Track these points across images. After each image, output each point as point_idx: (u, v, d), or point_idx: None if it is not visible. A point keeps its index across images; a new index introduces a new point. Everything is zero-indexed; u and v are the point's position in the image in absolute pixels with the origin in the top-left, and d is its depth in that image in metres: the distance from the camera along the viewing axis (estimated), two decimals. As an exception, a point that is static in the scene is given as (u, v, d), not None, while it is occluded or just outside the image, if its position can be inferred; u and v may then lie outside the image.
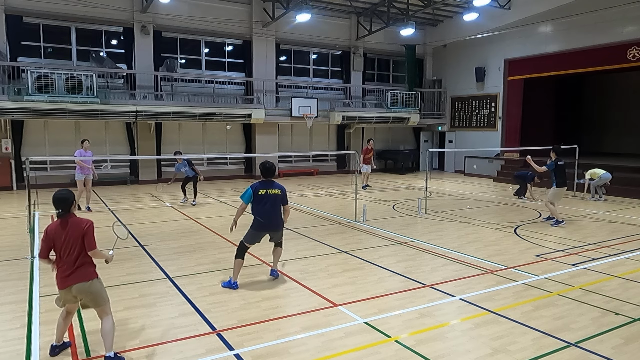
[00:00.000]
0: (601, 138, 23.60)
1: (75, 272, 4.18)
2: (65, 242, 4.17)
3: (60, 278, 4.22)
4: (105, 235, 9.61)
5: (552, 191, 10.42)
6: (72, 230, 4.20)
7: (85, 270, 4.24)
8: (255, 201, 6.29)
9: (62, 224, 4.23)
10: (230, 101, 19.41)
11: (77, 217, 4.34)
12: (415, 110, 22.52)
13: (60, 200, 4.25)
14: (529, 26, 19.39)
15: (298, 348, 4.54)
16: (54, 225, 4.26)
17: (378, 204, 13.37)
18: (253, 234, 6.40)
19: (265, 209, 6.28)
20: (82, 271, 4.22)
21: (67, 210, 4.28)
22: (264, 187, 6.34)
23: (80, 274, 4.20)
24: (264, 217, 6.29)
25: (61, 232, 4.19)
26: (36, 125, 16.52)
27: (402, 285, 6.42)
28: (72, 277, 4.18)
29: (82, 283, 4.20)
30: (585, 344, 4.63)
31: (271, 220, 6.36)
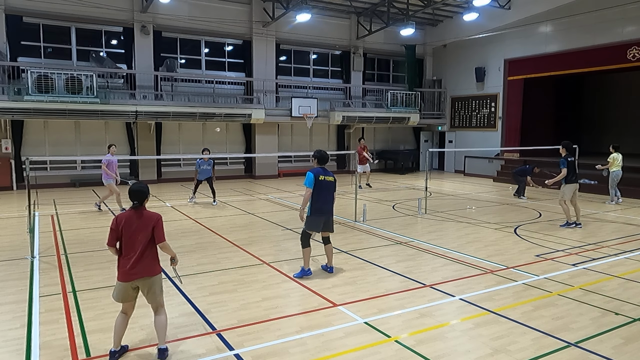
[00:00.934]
0: (601, 138, 23.54)
1: (141, 265, 4.21)
2: (134, 233, 4.21)
3: (123, 270, 4.22)
4: (106, 235, 9.61)
5: (563, 189, 10.30)
6: (143, 222, 4.25)
7: (151, 264, 4.29)
8: (315, 186, 6.50)
9: (134, 215, 4.27)
10: (230, 101, 19.42)
11: (148, 210, 4.38)
12: (415, 110, 22.52)
13: (137, 192, 4.29)
14: (529, 26, 19.39)
15: (298, 348, 4.54)
16: (124, 215, 4.28)
17: (378, 204, 13.37)
18: (313, 220, 6.63)
19: (323, 195, 6.57)
20: (148, 265, 4.26)
21: (141, 202, 4.32)
22: (323, 174, 6.57)
23: (146, 267, 4.25)
24: (322, 202, 6.56)
25: (131, 223, 4.22)
26: (36, 125, 16.52)
27: (402, 285, 6.42)
28: (138, 271, 4.21)
29: (147, 277, 4.25)
30: (585, 344, 4.63)
31: (329, 206, 6.68)
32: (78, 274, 6.83)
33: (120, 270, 4.25)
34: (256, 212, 12.13)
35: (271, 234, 9.63)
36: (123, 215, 4.27)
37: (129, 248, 4.21)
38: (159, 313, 4.38)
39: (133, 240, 4.20)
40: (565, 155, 10.26)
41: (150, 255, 4.29)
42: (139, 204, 4.29)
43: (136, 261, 4.19)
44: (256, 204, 13.62)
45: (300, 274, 6.67)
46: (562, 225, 10.29)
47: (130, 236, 4.21)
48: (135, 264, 4.19)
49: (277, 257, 7.81)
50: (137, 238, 4.21)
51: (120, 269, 4.25)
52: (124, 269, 4.22)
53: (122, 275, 4.24)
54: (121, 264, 4.24)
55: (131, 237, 4.21)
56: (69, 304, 5.65)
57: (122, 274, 4.23)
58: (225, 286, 6.36)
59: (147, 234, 4.24)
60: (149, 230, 4.25)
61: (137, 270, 4.20)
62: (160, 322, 4.34)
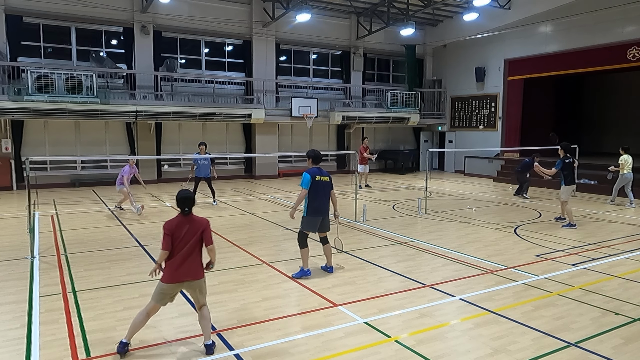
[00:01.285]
0: (601, 138, 23.59)
1: (190, 267, 4.40)
2: (183, 237, 4.36)
3: (171, 272, 4.36)
4: (106, 235, 9.66)
5: (562, 189, 10.41)
6: (193, 226, 4.43)
7: (199, 267, 4.49)
8: (312, 187, 6.50)
9: (184, 220, 4.43)
10: (230, 101, 19.42)
11: (196, 215, 4.52)
12: (415, 110, 22.52)
13: (187, 199, 4.46)
14: (529, 26, 19.39)
15: (298, 348, 4.54)
16: (174, 222, 4.41)
17: (378, 204, 13.37)
18: (310, 221, 6.63)
19: (320, 195, 6.57)
20: (196, 268, 4.46)
21: (190, 208, 4.47)
22: (319, 174, 6.58)
23: (195, 270, 4.45)
24: (319, 202, 6.58)
25: (181, 228, 4.38)
26: (36, 125, 16.52)
27: (402, 285, 6.42)
28: (187, 273, 4.39)
29: (197, 280, 4.45)
30: (585, 344, 4.64)
31: (325, 205, 6.69)
32: (78, 274, 6.83)
33: (168, 272, 4.37)
34: (256, 212, 12.13)
35: (271, 234, 9.63)
36: (174, 221, 4.41)
37: (179, 251, 4.35)
38: (203, 311, 4.52)
39: (184, 244, 4.36)
40: (563, 157, 10.36)
41: (198, 258, 4.49)
42: (189, 211, 4.45)
43: (185, 264, 4.37)
44: (256, 204, 13.62)
45: (299, 274, 6.69)
46: (564, 226, 10.30)
47: (181, 240, 4.36)
48: (185, 266, 4.37)
49: (277, 257, 7.81)
50: (187, 241, 4.37)
51: (167, 270, 4.39)
52: (172, 271, 4.36)
53: (170, 276, 4.37)
54: (169, 266, 4.38)
55: (182, 241, 4.36)
56: (69, 304, 5.65)
57: (170, 275, 4.37)
58: (225, 286, 6.36)
59: (197, 238, 4.43)
60: (198, 234, 4.43)
61: (186, 272, 4.38)
62: (206, 317, 4.50)
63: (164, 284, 4.38)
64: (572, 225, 10.21)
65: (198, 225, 4.45)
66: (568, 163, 10.34)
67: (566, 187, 10.36)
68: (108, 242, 8.89)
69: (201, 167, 12.83)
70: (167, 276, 4.37)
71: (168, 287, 4.38)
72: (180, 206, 4.44)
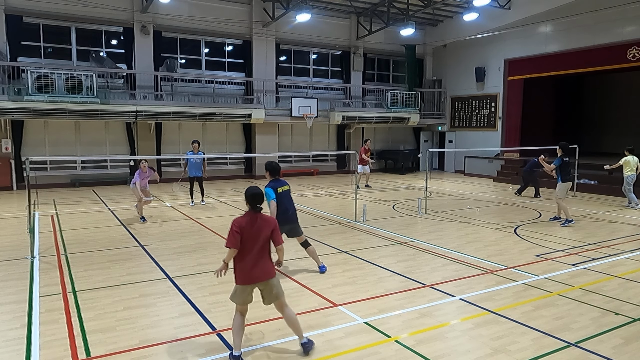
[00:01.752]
0: (601, 138, 23.57)
1: (262, 267, 4.28)
2: (253, 236, 4.24)
3: (244, 273, 4.24)
4: (106, 235, 9.65)
5: (559, 187, 10.53)
6: (263, 225, 4.30)
7: (270, 266, 4.37)
8: (277, 199, 6.55)
9: (254, 218, 4.29)
10: (230, 101, 19.42)
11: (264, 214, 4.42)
12: (415, 110, 22.52)
13: (258, 195, 4.35)
14: (529, 26, 19.39)
15: (298, 348, 4.53)
16: (244, 219, 4.27)
17: (378, 204, 13.36)
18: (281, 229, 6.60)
19: (284, 205, 6.64)
20: (268, 267, 4.34)
21: (262, 204, 4.37)
22: (279, 185, 6.63)
23: (267, 270, 4.32)
24: (287, 211, 6.65)
25: (251, 226, 4.24)
26: (36, 125, 16.53)
27: (402, 285, 6.42)
28: (260, 273, 4.27)
29: (270, 279, 4.33)
30: (585, 344, 4.63)
31: (292, 212, 6.81)
32: (78, 274, 6.83)
33: (241, 273, 4.26)
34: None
35: (271, 234, 9.62)
36: (244, 219, 4.28)
37: (250, 250, 4.23)
38: (285, 310, 4.43)
39: (254, 243, 4.24)
40: (561, 156, 10.50)
41: (268, 257, 4.37)
42: (261, 207, 4.35)
43: (257, 263, 4.25)
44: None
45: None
46: (562, 224, 10.36)
47: (252, 239, 4.23)
48: (259, 266, 4.26)
49: (277, 257, 7.79)
50: (257, 240, 4.25)
51: (239, 271, 4.27)
52: (245, 272, 4.24)
53: (243, 278, 4.25)
54: (240, 267, 4.25)
55: (252, 240, 4.23)
56: (69, 304, 5.65)
57: (243, 276, 4.25)
58: (225, 286, 6.33)
59: (266, 237, 4.31)
60: (268, 233, 4.31)
61: (259, 273, 4.27)
62: (292, 317, 4.41)
63: (239, 285, 4.27)
64: (570, 221, 10.30)
65: (268, 223, 4.33)
66: (566, 162, 10.52)
67: (563, 184, 10.50)
68: (108, 242, 8.89)
69: (193, 165, 12.64)
70: (241, 278, 4.26)
71: (244, 288, 4.28)
72: (252, 202, 4.31)
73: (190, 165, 12.76)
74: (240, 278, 4.27)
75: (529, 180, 14.94)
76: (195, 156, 12.53)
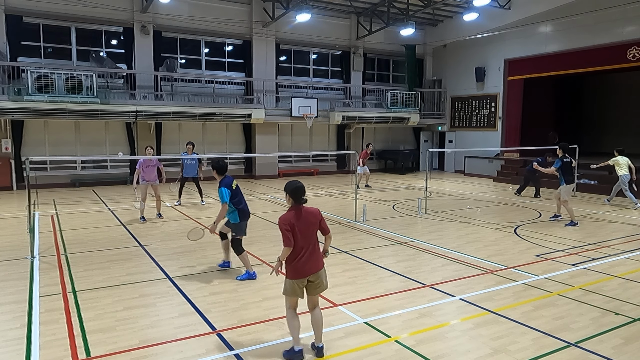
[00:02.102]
0: (601, 138, 23.56)
1: (315, 259, 4.30)
2: (303, 229, 4.24)
3: (297, 267, 4.23)
4: (106, 235, 9.65)
5: (563, 189, 10.45)
6: (309, 217, 4.31)
7: (320, 257, 4.38)
8: (233, 195, 6.60)
9: (300, 212, 4.29)
10: (230, 101, 19.42)
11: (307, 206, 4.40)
12: (415, 110, 22.52)
13: (301, 188, 4.33)
14: (529, 26, 19.39)
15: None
16: (291, 215, 4.25)
17: (378, 204, 13.36)
18: (243, 225, 6.76)
19: (240, 198, 6.74)
20: (319, 258, 4.36)
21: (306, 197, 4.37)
22: (231, 181, 6.72)
23: (318, 261, 4.34)
24: (244, 206, 6.77)
25: (299, 220, 4.24)
26: (36, 125, 16.52)
27: (402, 285, 6.42)
28: (313, 265, 4.28)
29: (321, 270, 4.33)
30: (585, 344, 4.64)
31: (248, 208, 6.87)
32: (78, 274, 6.83)
33: (294, 267, 4.25)
34: (256, 212, 12.12)
35: (271, 234, 9.62)
36: (291, 215, 4.25)
37: (302, 244, 4.23)
38: (316, 309, 4.43)
39: (304, 236, 4.24)
40: (562, 157, 10.45)
41: (318, 248, 4.39)
42: (305, 199, 4.35)
43: (310, 256, 4.26)
44: (256, 204, 13.61)
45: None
46: (567, 225, 10.30)
47: (303, 232, 4.23)
48: (310, 258, 4.26)
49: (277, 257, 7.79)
50: (307, 233, 4.27)
51: (292, 266, 4.25)
52: (298, 266, 4.23)
53: (296, 272, 4.25)
54: (293, 261, 4.24)
55: (304, 234, 4.24)
56: (69, 304, 5.65)
57: (296, 270, 4.24)
58: (225, 286, 6.36)
59: (315, 228, 4.34)
60: (317, 225, 4.34)
61: (312, 265, 4.28)
62: (319, 318, 4.41)
63: (293, 280, 4.27)
64: (575, 223, 10.25)
65: (314, 215, 4.34)
66: (566, 162, 10.46)
67: (566, 186, 10.43)
68: (108, 242, 8.89)
69: (188, 166, 12.77)
70: (295, 272, 4.25)
71: (297, 282, 4.27)
72: (296, 196, 4.29)
73: (186, 167, 12.88)
74: (293, 272, 4.26)
75: (530, 179, 14.92)
76: (190, 157, 12.54)
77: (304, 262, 4.24)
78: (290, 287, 4.31)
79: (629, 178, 12.81)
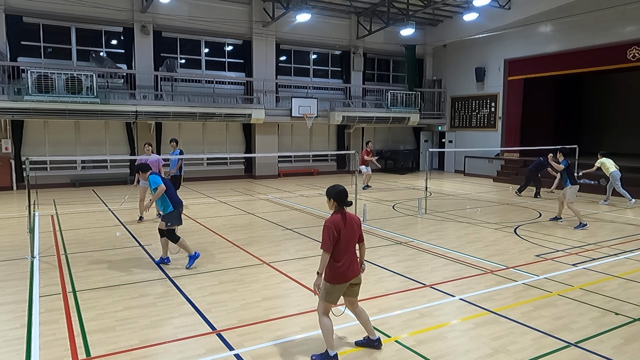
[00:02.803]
0: (601, 138, 23.56)
1: (356, 264, 4.33)
2: (348, 234, 4.24)
3: (340, 272, 4.18)
4: (106, 235, 9.65)
5: (570, 191, 10.38)
6: (352, 223, 4.30)
7: (358, 262, 4.40)
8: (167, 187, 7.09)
9: (345, 216, 4.29)
10: (230, 101, 19.42)
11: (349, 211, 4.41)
12: (415, 110, 22.52)
13: (345, 192, 4.34)
14: (529, 26, 19.39)
15: (298, 348, 4.54)
16: (338, 219, 4.24)
17: (378, 204, 13.36)
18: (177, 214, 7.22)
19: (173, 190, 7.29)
20: (357, 263, 4.39)
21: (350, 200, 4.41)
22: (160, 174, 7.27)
23: (358, 266, 4.37)
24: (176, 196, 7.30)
25: (343, 225, 4.22)
26: (36, 125, 16.52)
27: (402, 285, 6.42)
28: (355, 270, 4.29)
29: (359, 275, 4.37)
30: (585, 344, 4.64)
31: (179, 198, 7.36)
32: (78, 274, 6.83)
33: (337, 272, 4.18)
34: (256, 212, 12.13)
35: (271, 234, 9.63)
36: (338, 219, 4.23)
37: (345, 249, 4.21)
38: (359, 307, 4.52)
39: (348, 241, 4.24)
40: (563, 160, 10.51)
41: (356, 253, 4.39)
42: (350, 202, 4.37)
43: (352, 261, 4.28)
44: (256, 204, 13.62)
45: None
46: (575, 227, 10.14)
47: (346, 237, 4.22)
48: (352, 263, 4.27)
49: (277, 257, 7.81)
50: (351, 239, 4.28)
51: (336, 271, 4.18)
52: (342, 271, 4.18)
53: (340, 276, 4.20)
54: (337, 266, 4.18)
55: (346, 238, 4.22)
56: (69, 304, 5.65)
57: (340, 275, 4.19)
58: (225, 286, 6.36)
59: (356, 234, 4.33)
60: (359, 231, 4.36)
61: (354, 270, 4.28)
62: (365, 314, 4.52)
63: (335, 284, 4.20)
64: (584, 224, 10.15)
65: (356, 221, 4.36)
66: (569, 165, 10.58)
67: (572, 187, 10.38)
68: (108, 242, 8.89)
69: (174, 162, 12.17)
70: (338, 277, 4.18)
71: (340, 287, 4.23)
72: (341, 199, 4.28)
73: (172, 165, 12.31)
74: (336, 277, 4.20)
75: (531, 179, 14.94)
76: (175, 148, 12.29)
77: (347, 268, 4.21)
78: (333, 293, 4.22)
79: (620, 175, 12.99)
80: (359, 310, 4.51)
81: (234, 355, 4.40)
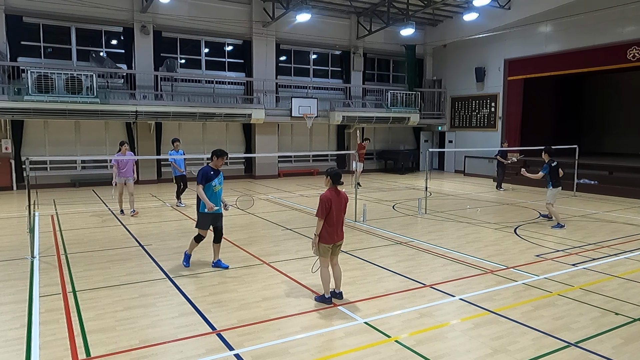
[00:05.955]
0: (601, 138, 23.58)
1: (341, 230, 5.69)
2: (339, 206, 5.57)
3: (330, 235, 5.53)
4: (106, 235, 9.65)
5: (550, 192, 10.45)
6: (343, 198, 5.66)
7: (342, 229, 5.74)
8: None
9: (338, 192, 5.62)
10: (230, 101, 19.41)
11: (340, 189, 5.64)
12: (415, 110, 22.52)
13: (340, 174, 5.66)
14: (529, 26, 19.39)
15: (298, 348, 4.54)
16: (331, 194, 5.55)
17: (378, 204, 13.37)
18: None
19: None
20: (343, 230, 5.74)
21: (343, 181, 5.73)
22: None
23: (343, 232, 5.74)
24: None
25: (336, 199, 5.55)
26: (36, 125, 16.52)
27: (402, 285, 6.42)
28: (340, 234, 5.67)
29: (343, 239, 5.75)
30: (585, 344, 4.64)
31: None
32: (78, 274, 6.83)
33: (329, 235, 5.51)
34: (256, 212, 12.13)
35: (271, 234, 9.63)
36: (331, 193, 5.53)
37: (336, 217, 5.53)
38: (337, 264, 5.81)
39: (339, 212, 5.58)
40: (549, 161, 10.43)
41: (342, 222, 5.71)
42: (342, 182, 5.64)
43: (340, 228, 5.64)
44: (256, 204, 13.61)
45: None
46: (553, 227, 10.22)
47: (337, 208, 5.54)
48: (339, 230, 5.64)
49: (277, 257, 7.81)
50: (340, 210, 5.60)
51: (328, 234, 5.51)
52: (331, 234, 5.53)
53: (329, 238, 5.53)
54: (329, 230, 5.51)
55: (338, 208, 5.55)
56: (69, 304, 5.65)
57: (329, 237, 5.53)
58: (225, 286, 6.36)
59: (344, 207, 5.69)
60: (346, 204, 5.71)
61: (340, 235, 5.65)
62: (340, 271, 5.82)
63: (326, 244, 5.53)
64: (561, 225, 10.19)
65: (344, 197, 5.68)
66: (554, 167, 10.39)
67: (553, 189, 10.39)
68: (108, 242, 8.89)
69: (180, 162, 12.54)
70: (328, 238, 5.52)
71: (328, 246, 5.54)
72: (336, 179, 5.57)
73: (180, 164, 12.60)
74: (327, 239, 5.52)
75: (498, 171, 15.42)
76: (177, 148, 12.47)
77: (334, 232, 5.54)
78: (324, 250, 5.57)
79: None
80: (337, 267, 5.78)
81: (234, 355, 4.40)
